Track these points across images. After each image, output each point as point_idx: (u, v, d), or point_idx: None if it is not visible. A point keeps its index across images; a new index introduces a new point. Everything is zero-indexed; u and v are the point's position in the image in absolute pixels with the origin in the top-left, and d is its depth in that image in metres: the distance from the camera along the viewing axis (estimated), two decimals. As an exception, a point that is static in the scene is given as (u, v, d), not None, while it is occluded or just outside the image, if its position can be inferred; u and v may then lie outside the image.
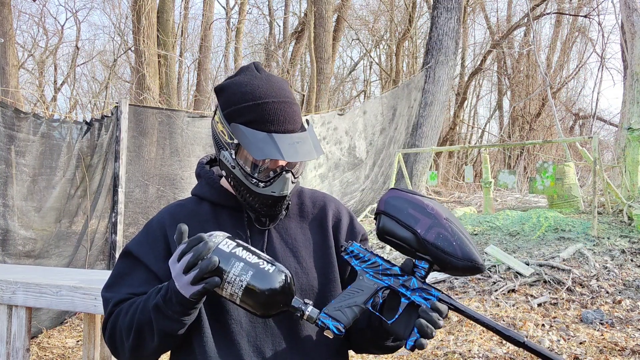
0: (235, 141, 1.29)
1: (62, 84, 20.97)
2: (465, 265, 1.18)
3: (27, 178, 4.88)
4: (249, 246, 1.23)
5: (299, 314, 1.21)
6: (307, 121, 1.34)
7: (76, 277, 3.14)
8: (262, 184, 1.30)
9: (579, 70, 21.92)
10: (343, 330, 1.20)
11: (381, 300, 1.27)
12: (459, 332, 4.37)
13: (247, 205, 1.36)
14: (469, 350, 3.97)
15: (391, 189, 1.27)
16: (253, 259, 1.18)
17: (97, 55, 22.32)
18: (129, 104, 5.71)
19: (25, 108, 11.94)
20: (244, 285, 1.16)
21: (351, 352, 1.48)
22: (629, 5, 9.06)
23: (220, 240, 1.20)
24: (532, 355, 1.16)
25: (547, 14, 19.81)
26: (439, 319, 1.18)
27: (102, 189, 5.43)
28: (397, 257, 6.85)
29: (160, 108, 7.23)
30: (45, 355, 4.48)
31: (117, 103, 5.63)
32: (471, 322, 4.48)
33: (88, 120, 5.46)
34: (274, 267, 1.19)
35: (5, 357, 2.98)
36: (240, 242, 1.23)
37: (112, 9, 24.36)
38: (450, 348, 4.05)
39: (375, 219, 1.27)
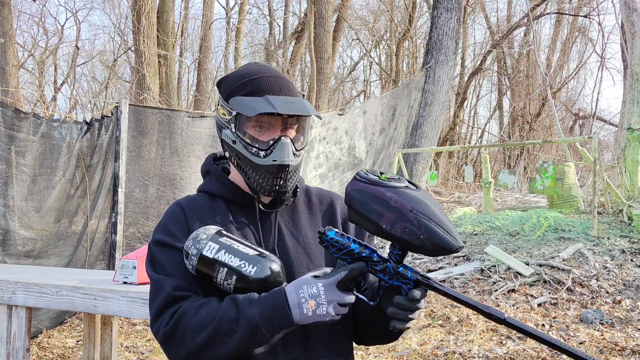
0: (234, 112, 1.33)
1: (62, 84, 20.98)
2: (438, 253, 1.18)
3: (27, 178, 4.88)
4: (233, 243, 1.26)
5: None
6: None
7: (76, 277, 3.14)
8: (262, 153, 1.32)
9: (579, 70, 21.94)
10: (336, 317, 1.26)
11: (363, 283, 1.31)
12: (459, 332, 4.37)
13: (253, 184, 1.36)
14: (469, 350, 3.97)
15: (355, 177, 1.23)
16: (235, 262, 1.23)
17: (97, 55, 22.32)
18: (129, 104, 5.71)
19: (25, 108, 11.94)
20: (231, 289, 1.24)
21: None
22: (629, 5, 9.06)
23: (204, 245, 1.25)
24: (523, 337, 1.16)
25: (547, 14, 19.82)
26: (413, 305, 1.20)
27: (102, 189, 5.42)
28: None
29: (160, 108, 7.23)
30: (45, 355, 4.48)
31: (117, 103, 5.63)
32: (471, 322, 4.48)
33: (88, 120, 5.46)
34: (255, 267, 1.23)
35: (5, 357, 2.98)
36: (224, 240, 1.26)
37: (112, 9, 24.34)
38: (450, 348, 4.05)
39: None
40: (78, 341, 4.73)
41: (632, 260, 5.83)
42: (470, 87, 21.92)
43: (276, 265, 1.25)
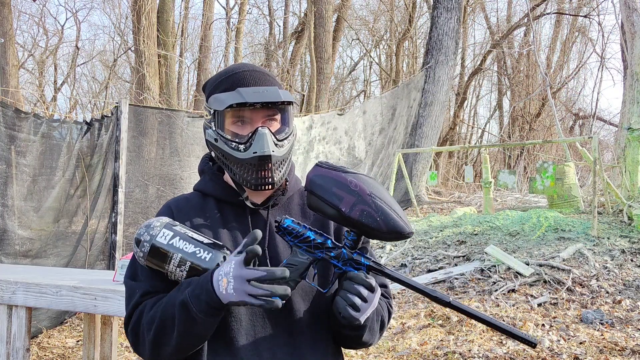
0: (212, 110, 1.34)
1: (62, 84, 20.98)
2: (391, 237, 1.22)
3: (27, 178, 4.87)
4: (188, 232, 1.26)
5: None
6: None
7: (76, 277, 3.14)
8: (242, 147, 1.31)
9: (579, 70, 21.93)
10: (284, 301, 1.23)
11: (315, 271, 1.32)
12: (459, 332, 4.37)
13: (239, 179, 1.35)
14: (469, 350, 3.97)
15: (316, 164, 1.27)
16: (190, 249, 1.23)
17: (97, 55, 22.32)
18: (129, 104, 5.71)
19: (25, 108, 11.93)
20: (184, 275, 1.23)
21: (351, 352, 1.47)
22: (629, 5, 9.06)
23: (157, 232, 1.23)
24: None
25: (547, 14, 19.82)
26: (351, 285, 1.21)
27: (101, 189, 5.42)
28: (397, 257, 6.86)
29: (160, 108, 7.22)
30: (45, 355, 4.48)
31: (117, 103, 5.62)
32: (471, 322, 4.48)
33: (88, 120, 5.46)
34: (210, 253, 1.23)
35: (5, 357, 2.98)
36: (178, 228, 1.25)
37: (112, 9, 24.37)
38: (450, 348, 4.05)
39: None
40: (78, 341, 4.73)
41: (632, 260, 5.83)
42: (470, 87, 21.93)
43: (228, 254, 1.25)
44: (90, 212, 5.31)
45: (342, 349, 1.46)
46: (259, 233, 1.18)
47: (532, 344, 1.23)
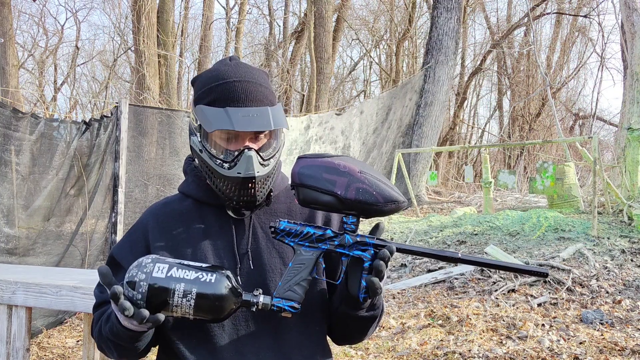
0: (199, 122, 1.30)
1: (62, 84, 21.00)
2: (389, 208, 1.22)
3: (19, 176, 4.85)
4: (183, 261, 1.21)
5: (253, 307, 1.22)
6: (280, 103, 1.33)
7: (76, 277, 3.14)
8: (226, 165, 1.28)
9: (579, 70, 21.94)
10: (298, 307, 1.23)
11: (324, 265, 1.31)
12: (459, 332, 4.37)
13: (221, 193, 1.33)
14: (469, 350, 3.97)
15: (298, 158, 1.25)
16: (191, 275, 1.17)
17: (97, 55, 22.34)
18: (129, 104, 5.70)
19: (25, 108, 11.95)
20: (192, 305, 1.16)
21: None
22: (629, 5, 9.06)
23: (151, 267, 1.16)
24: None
25: (547, 14, 19.83)
26: (380, 270, 1.21)
27: (99, 189, 5.41)
28: (397, 257, 6.85)
29: (160, 108, 7.22)
30: (45, 355, 4.48)
31: (117, 103, 5.62)
32: (471, 322, 4.48)
33: (87, 120, 5.45)
34: (214, 275, 1.18)
35: (5, 357, 2.98)
36: (171, 260, 1.20)
37: (112, 9, 24.36)
38: (450, 348, 4.05)
39: (293, 190, 1.27)
40: (78, 341, 4.73)
41: (632, 260, 5.83)
42: (470, 87, 21.95)
43: (229, 273, 1.22)
44: (86, 212, 5.30)
45: (332, 352, 1.44)
46: (103, 268, 1.19)
47: (544, 275, 1.24)
